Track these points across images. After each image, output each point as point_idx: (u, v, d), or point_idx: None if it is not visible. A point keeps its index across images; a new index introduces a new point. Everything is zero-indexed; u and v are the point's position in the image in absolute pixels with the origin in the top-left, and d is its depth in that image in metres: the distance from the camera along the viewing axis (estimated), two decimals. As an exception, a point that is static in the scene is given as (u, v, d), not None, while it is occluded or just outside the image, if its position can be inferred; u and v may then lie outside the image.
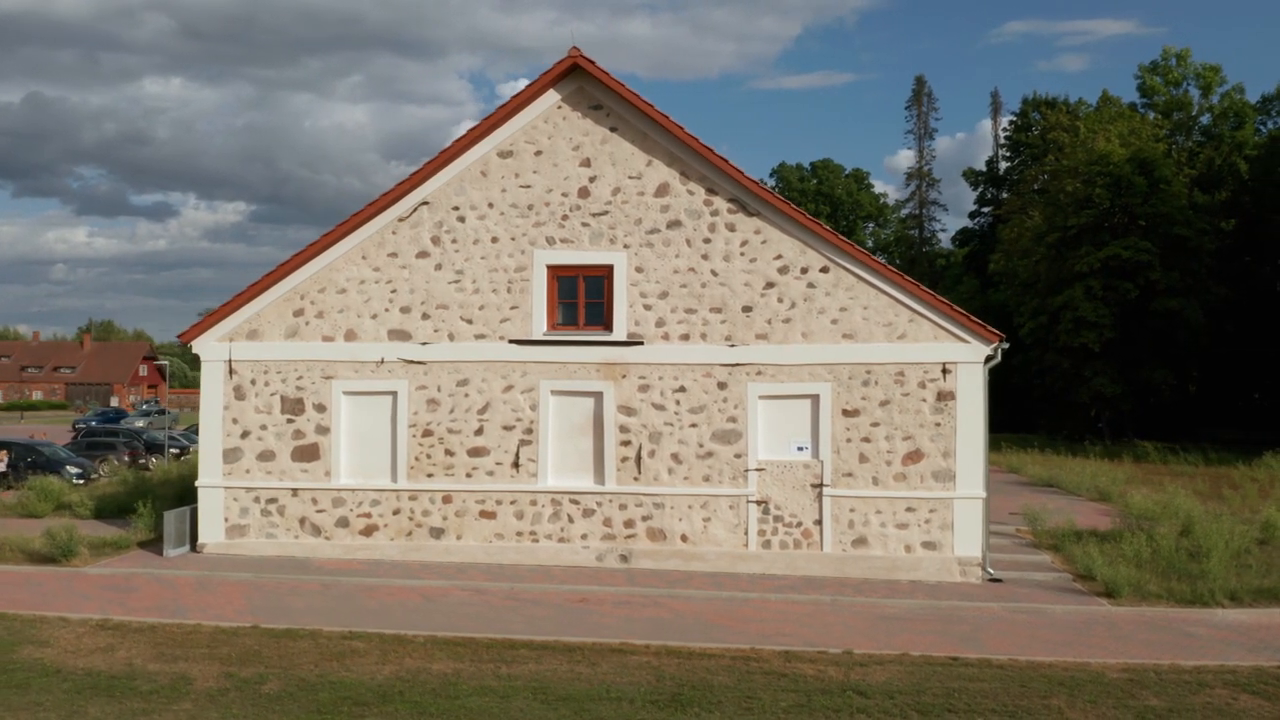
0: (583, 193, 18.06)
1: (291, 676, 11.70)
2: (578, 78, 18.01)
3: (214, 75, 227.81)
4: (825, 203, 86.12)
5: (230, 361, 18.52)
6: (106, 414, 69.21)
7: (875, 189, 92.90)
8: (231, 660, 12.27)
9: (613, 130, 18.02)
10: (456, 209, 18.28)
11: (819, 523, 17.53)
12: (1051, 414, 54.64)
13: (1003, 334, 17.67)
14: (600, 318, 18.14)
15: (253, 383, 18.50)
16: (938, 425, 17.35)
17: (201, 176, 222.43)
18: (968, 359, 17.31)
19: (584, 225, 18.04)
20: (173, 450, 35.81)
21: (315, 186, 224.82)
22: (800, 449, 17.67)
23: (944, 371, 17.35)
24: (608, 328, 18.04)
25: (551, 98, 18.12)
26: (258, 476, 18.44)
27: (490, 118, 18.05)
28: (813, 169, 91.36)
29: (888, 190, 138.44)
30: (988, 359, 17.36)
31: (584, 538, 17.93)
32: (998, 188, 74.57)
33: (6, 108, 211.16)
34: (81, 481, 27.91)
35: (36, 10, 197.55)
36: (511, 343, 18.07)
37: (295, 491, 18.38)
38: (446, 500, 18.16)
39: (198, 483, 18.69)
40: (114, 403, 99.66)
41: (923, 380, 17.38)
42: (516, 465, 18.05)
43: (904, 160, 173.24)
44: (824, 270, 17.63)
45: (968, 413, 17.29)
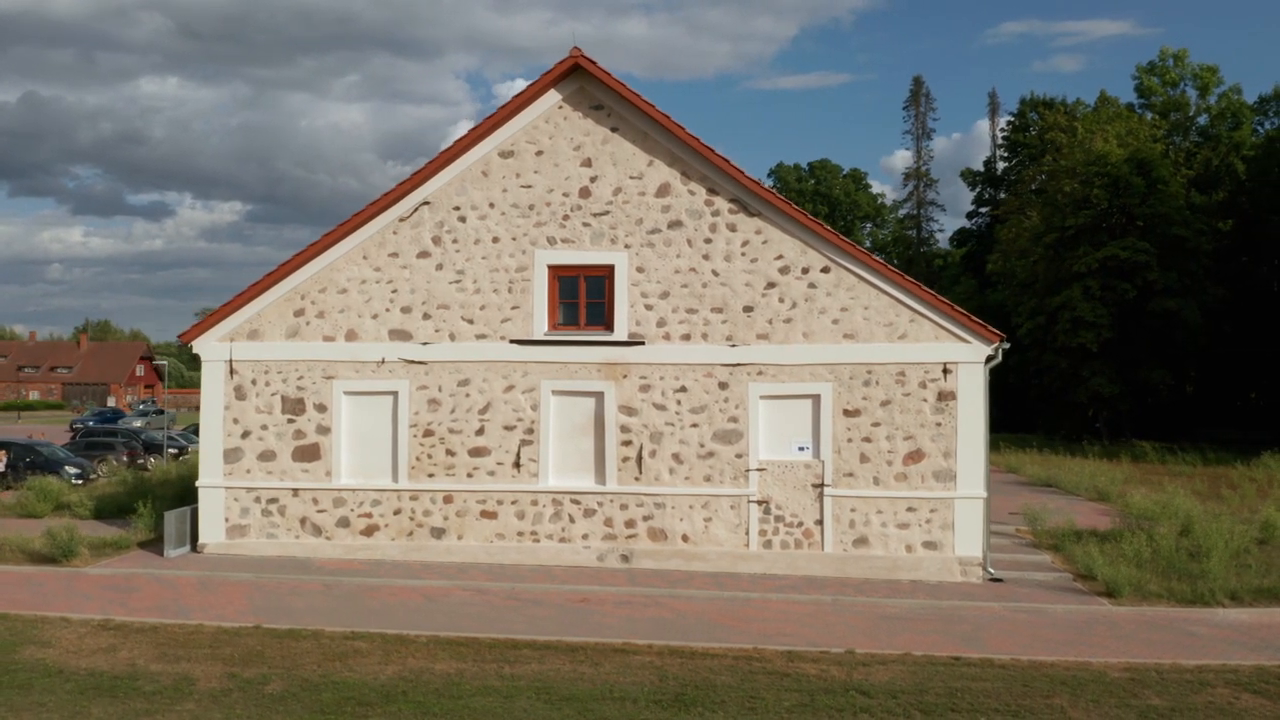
0: (584, 193, 18.07)
1: (295, 677, 11.70)
2: (579, 78, 18.01)
3: (210, 75, 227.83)
4: (823, 203, 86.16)
5: (231, 361, 18.50)
6: (104, 414, 69.09)
7: (872, 189, 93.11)
8: (234, 660, 12.27)
9: (614, 130, 18.03)
10: (457, 209, 18.28)
11: (820, 523, 17.55)
12: (1049, 414, 54.71)
13: (1003, 334, 17.70)
14: (601, 318, 18.14)
15: (253, 383, 18.49)
16: (939, 425, 17.37)
17: (198, 176, 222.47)
18: (968, 359, 17.34)
19: (585, 225, 18.04)
20: (171, 450, 35.76)
21: (311, 186, 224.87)
22: (801, 449, 17.68)
23: (945, 371, 17.37)
24: (609, 328, 18.05)
25: (553, 98, 18.12)
26: (258, 476, 18.43)
27: (491, 118, 18.04)
28: (810, 169, 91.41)
29: (885, 190, 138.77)
30: (989, 359, 17.38)
31: (585, 538, 17.93)
32: (995, 188, 74.68)
33: (2, 107, 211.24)
34: (80, 482, 27.87)
35: (33, 10, 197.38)
36: (512, 343, 18.07)
37: (296, 491, 18.37)
38: (447, 500, 18.16)
39: (198, 483, 18.68)
40: (111, 403, 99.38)
41: (924, 380, 17.41)
42: (517, 465, 18.06)
43: (900, 160, 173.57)
44: (825, 270, 17.65)
45: (968, 413, 17.31)
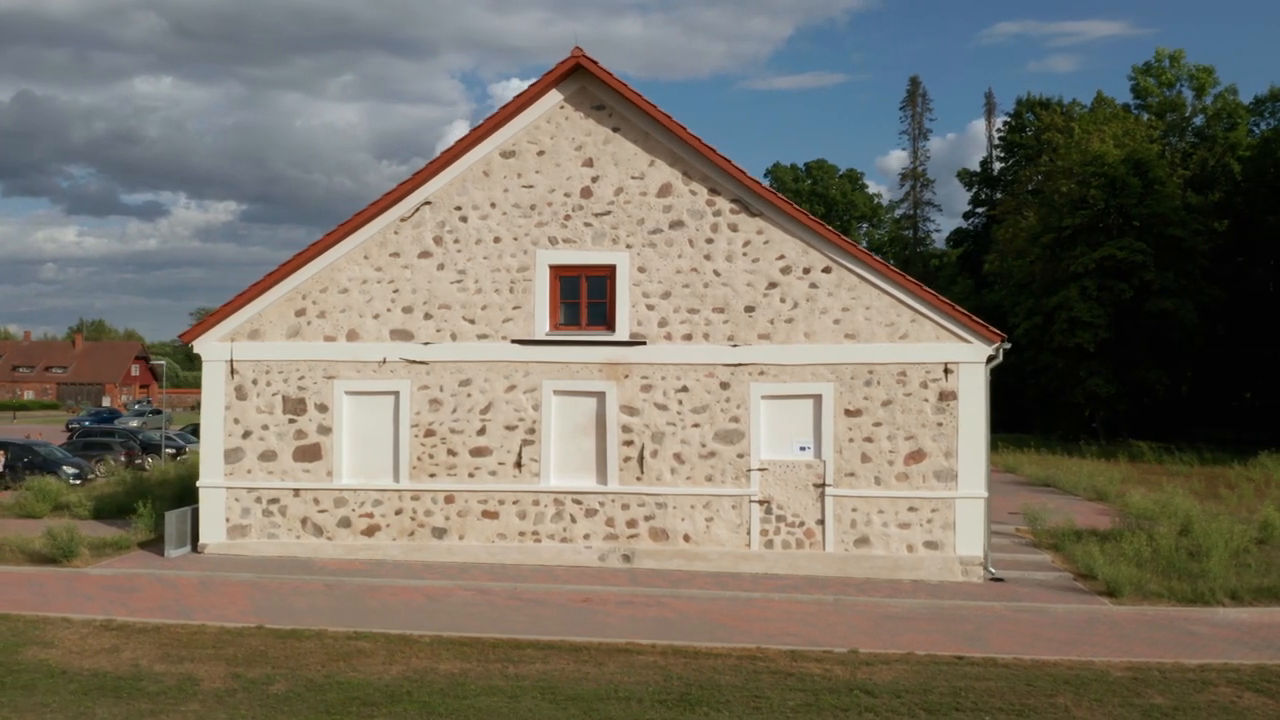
0: (585, 193, 18.07)
1: (299, 677, 11.68)
2: (580, 78, 18.01)
3: (205, 74, 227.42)
4: (820, 203, 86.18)
5: (232, 361, 18.48)
6: (100, 414, 69.04)
7: (868, 190, 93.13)
8: (238, 661, 12.25)
9: (615, 130, 18.03)
10: (459, 209, 18.27)
11: (821, 522, 17.56)
12: (1046, 414, 54.85)
13: (1004, 334, 17.72)
14: (603, 318, 18.14)
15: (254, 383, 18.47)
16: (940, 425, 17.39)
17: (192, 176, 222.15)
18: (969, 359, 17.36)
19: (586, 225, 18.04)
20: (169, 450, 35.71)
21: (306, 186, 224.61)
22: (803, 449, 17.70)
23: (946, 372, 17.40)
24: (610, 328, 18.05)
25: (554, 98, 18.12)
26: (259, 476, 18.41)
27: (493, 117, 18.04)
28: (807, 169, 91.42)
29: (881, 191, 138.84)
30: (989, 359, 17.41)
31: (586, 538, 17.93)
32: (992, 188, 74.79)
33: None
34: (78, 482, 27.82)
35: (29, 9, 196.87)
36: (514, 343, 18.07)
37: (297, 491, 18.35)
38: (449, 500, 18.15)
39: (199, 483, 18.65)
40: (106, 402, 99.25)
41: (925, 380, 17.43)
42: (519, 465, 18.05)
43: (895, 161, 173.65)
44: (826, 270, 17.67)
45: (969, 413, 17.34)
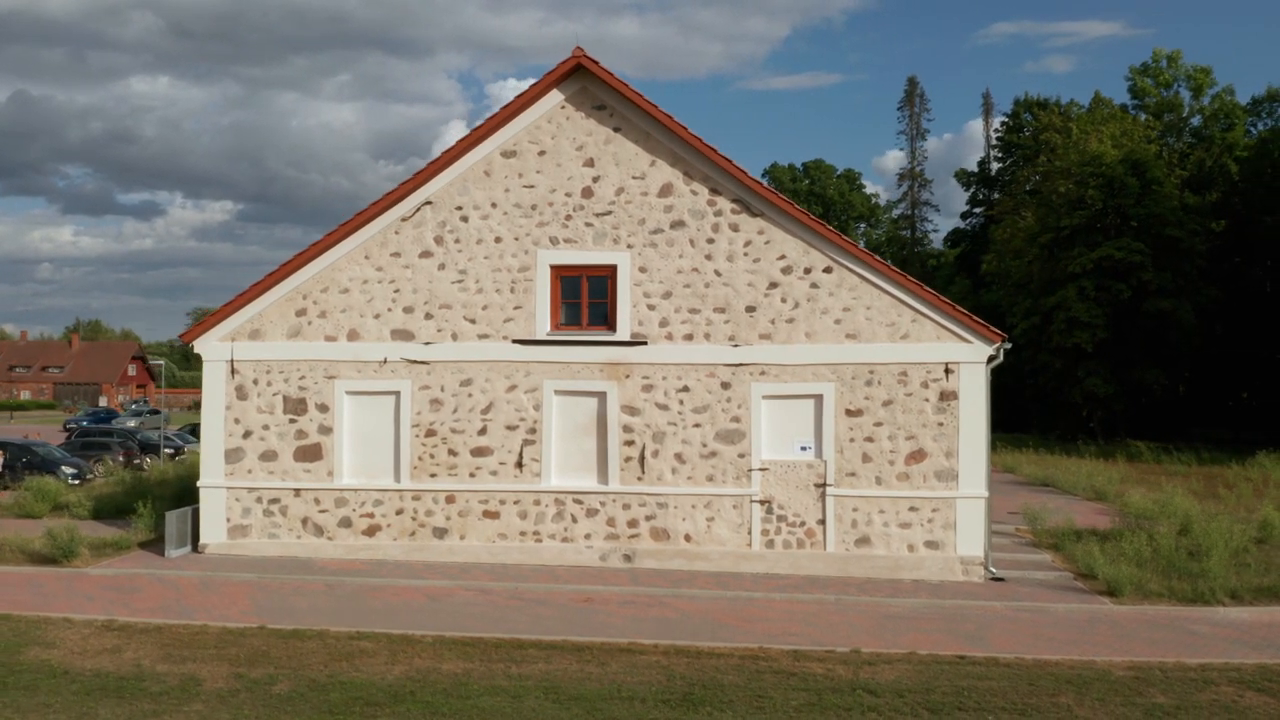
0: (586, 193, 18.07)
1: (302, 677, 11.68)
2: (581, 78, 18.01)
3: (201, 74, 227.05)
4: (817, 203, 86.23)
5: (232, 361, 18.46)
6: (97, 414, 68.90)
7: (866, 190, 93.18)
8: (240, 661, 12.25)
9: (616, 130, 18.03)
10: (460, 209, 18.26)
11: (822, 522, 17.58)
12: (1044, 414, 54.89)
13: (1004, 334, 17.75)
14: (604, 318, 18.14)
15: (255, 383, 18.45)
16: (940, 425, 17.41)
17: (188, 175, 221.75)
18: (970, 359, 17.38)
19: (587, 225, 18.04)
20: (167, 450, 35.67)
21: (302, 186, 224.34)
22: (803, 449, 17.71)
23: (946, 371, 17.42)
24: (611, 328, 18.05)
25: (555, 98, 18.12)
26: (260, 476, 18.39)
27: (493, 117, 18.04)
28: (805, 169, 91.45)
29: (877, 191, 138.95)
30: (990, 359, 17.43)
31: (587, 537, 17.93)
32: (989, 188, 74.83)
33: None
34: (77, 482, 27.79)
35: (25, 9, 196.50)
36: (515, 343, 18.07)
37: (298, 491, 18.34)
38: (450, 500, 18.14)
39: (200, 483, 18.63)
40: (103, 402, 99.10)
41: (925, 380, 17.45)
42: (520, 465, 18.05)
43: (892, 161, 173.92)
44: (827, 270, 17.68)
45: (970, 412, 17.36)
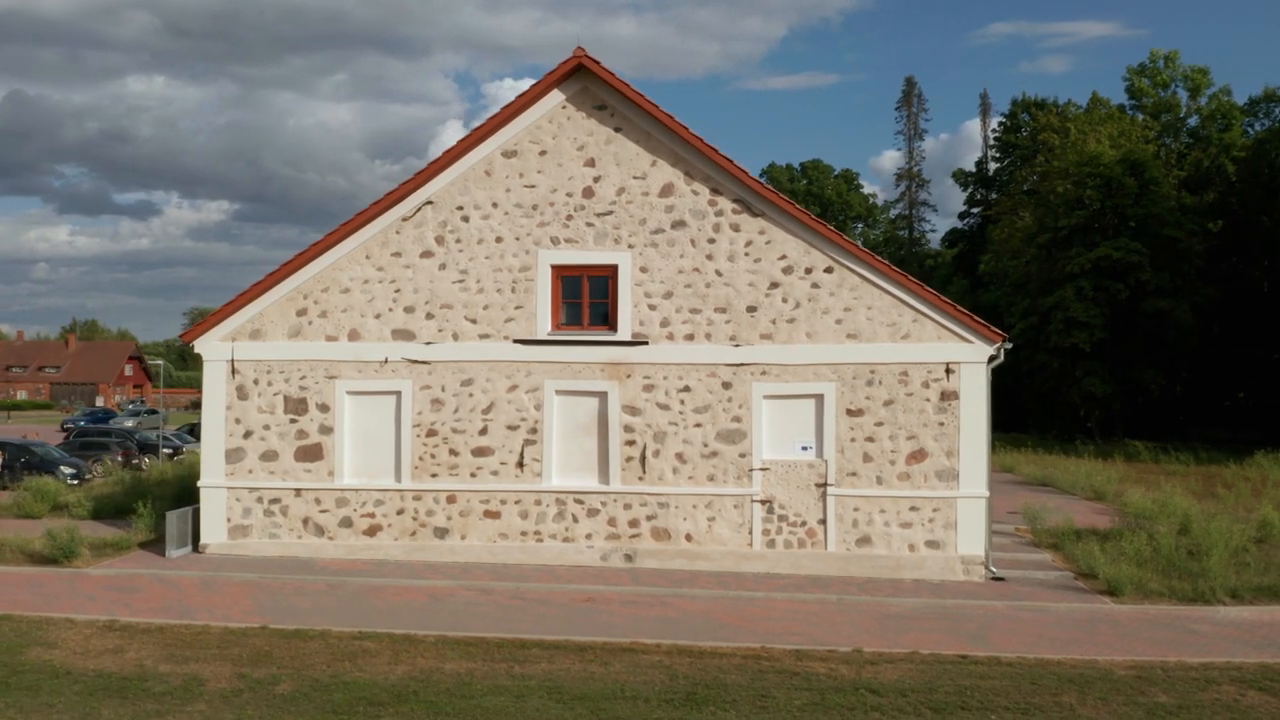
0: (587, 193, 18.07)
1: (304, 677, 11.68)
2: (582, 78, 18.01)
3: (197, 73, 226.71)
4: (815, 203, 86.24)
5: (233, 361, 18.45)
6: (95, 414, 68.82)
7: (863, 190, 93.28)
8: (243, 661, 12.24)
9: (617, 130, 18.04)
10: (461, 208, 18.26)
11: (823, 522, 17.59)
12: (1042, 413, 54.95)
13: (1005, 334, 17.78)
14: (605, 318, 18.15)
15: (255, 382, 18.44)
16: (941, 425, 17.43)
17: (184, 175, 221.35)
18: (971, 359, 17.41)
19: (588, 225, 18.05)
20: (166, 450, 35.64)
21: (299, 185, 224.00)
22: (804, 449, 17.73)
23: (947, 371, 17.44)
24: (612, 328, 18.06)
25: (556, 98, 18.12)
26: (260, 476, 18.38)
27: (494, 117, 18.03)
28: (802, 169, 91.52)
29: (875, 191, 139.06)
30: (991, 359, 17.45)
31: (588, 537, 17.94)
32: (987, 188, 74.86)
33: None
34: (76, 482, 27.77)
35: (21, 8, 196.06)
36: (516, 342, 18.07)
37: (298, 491, 18.33)
38: (451, 500, 18.14)
39: (200, 483, 18.62)
40: (100, 402, 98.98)
41: (926, 380, 17.47)
42: (521, 465, 18.05)
43: (889, 161, 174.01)
44: (828, 270, 17.70)
45: (971, 412, 17.38)
